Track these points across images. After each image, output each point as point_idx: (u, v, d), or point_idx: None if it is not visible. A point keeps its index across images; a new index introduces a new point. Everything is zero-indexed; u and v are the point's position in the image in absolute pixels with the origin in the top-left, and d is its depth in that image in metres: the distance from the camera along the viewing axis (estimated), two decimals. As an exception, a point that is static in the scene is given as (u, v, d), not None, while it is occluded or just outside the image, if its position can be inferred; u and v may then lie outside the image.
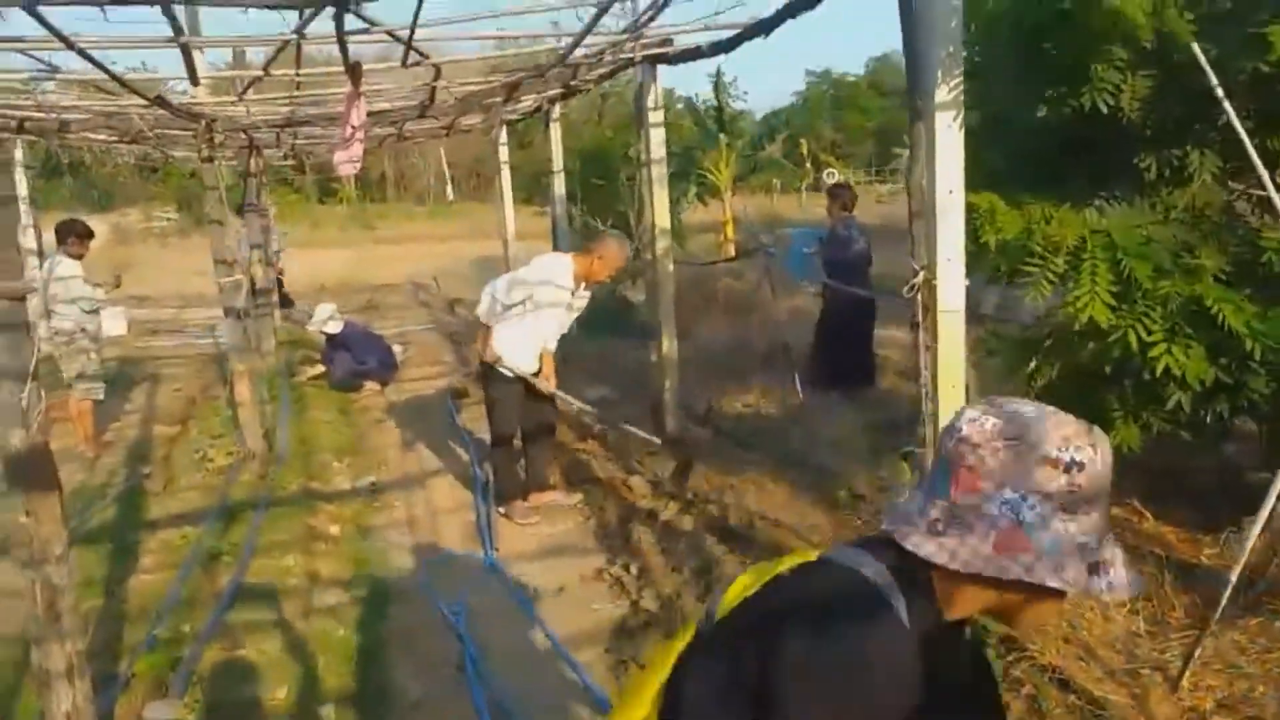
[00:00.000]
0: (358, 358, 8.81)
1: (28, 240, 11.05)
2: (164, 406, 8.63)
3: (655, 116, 6.34)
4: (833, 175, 40.62)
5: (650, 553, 4.80)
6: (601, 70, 6.27)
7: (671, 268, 6.69)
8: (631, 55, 5.87)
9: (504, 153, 12.15)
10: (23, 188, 11.45)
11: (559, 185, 9.64)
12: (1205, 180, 3.45)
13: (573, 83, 6.23)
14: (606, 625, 4.14)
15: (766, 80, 68.20)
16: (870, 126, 53.80)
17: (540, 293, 5.26)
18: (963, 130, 3.32)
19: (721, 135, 15.56)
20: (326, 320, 8.84)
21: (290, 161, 14.34)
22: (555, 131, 9.42)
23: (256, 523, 5.23)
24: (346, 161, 4.67)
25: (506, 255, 12.53)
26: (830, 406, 7.30)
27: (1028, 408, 1.20)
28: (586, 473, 6.16)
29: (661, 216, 6.48)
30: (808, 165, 32.07)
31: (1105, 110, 3.32)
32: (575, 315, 5.63)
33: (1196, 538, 4.71)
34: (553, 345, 5.59)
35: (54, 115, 5.68)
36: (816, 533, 5.03)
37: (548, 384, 5.49)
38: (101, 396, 7.06)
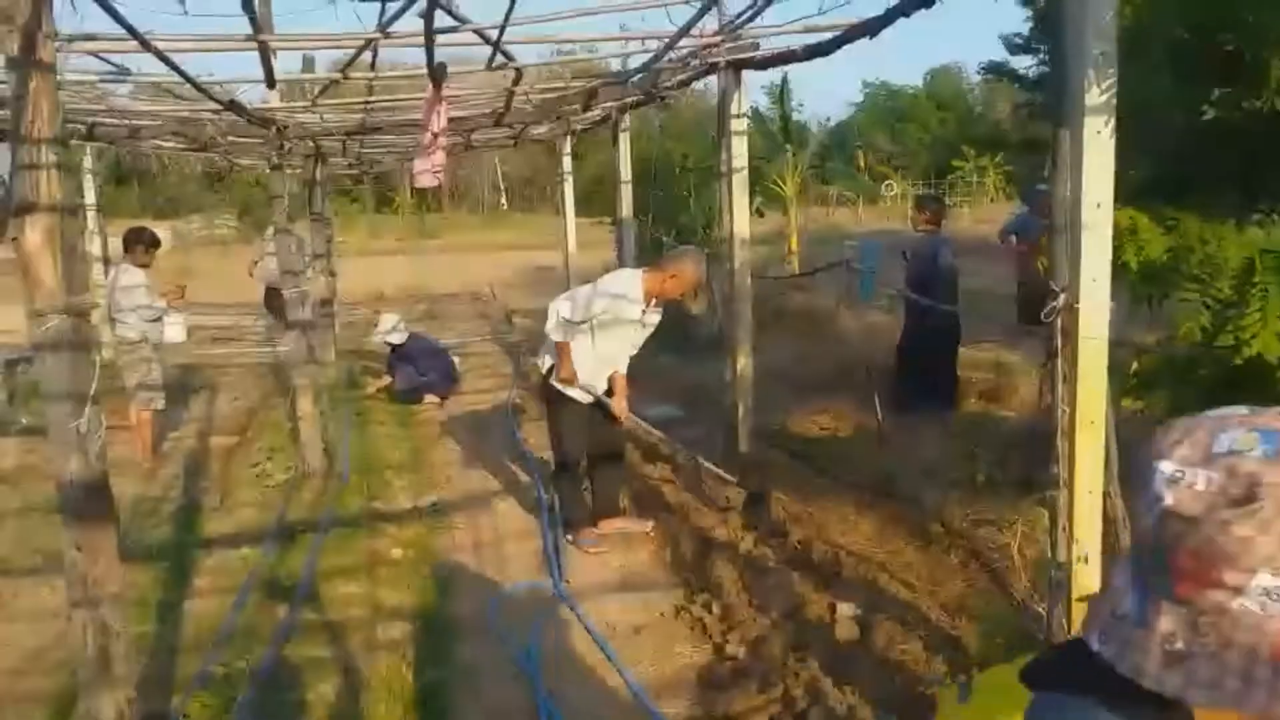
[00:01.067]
0: (420, 370, 8.62)
1: (94, 247, 11.08)
2: (223, 416, 8.50)
3: (739, 125, 6.03)
4: (891, 188, 40.12)
5: (732, 590, 4.45)
6: (684, 76, 5.98)
7: (749, 282, 6.37)
8: (716, 59, 5.58)
9: (567, 163, 11.94)
10: (90, 195, 11.50)
11: (626, 196, 9.38)
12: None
13: (653, 89, 5.94)
14: (691, 673, 3.81)
15: (814, 90, 67.52)
16: (927, 140, 53.15)
17: (611, 309, 4.95)
18: (1114, 138, 2.96)
19: (787, 146, 15.18)
20: (391, 330, 8.67)
21: (352, 170, 14.30)
22: (624, 141, 9.16)
23: (317, 545, 4.99)
24: (428, 171, 4.43)
25: (567, 266, 12.32)
26: (912, 430, 6.90)
27: (1241, 441, 0.81)
28: (656, 499, 5.85)
29: (741, 228, 6.17)
30: (865, 178, 31.62)
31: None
32: (646, 334, 5.30)
33: None
34: (623, 366, 5.28)
35: (125, 121, 5.54)
36: (910, 571, 4.66)
37: (622, 407, 5.18)
38: (162, 405, 6.93)
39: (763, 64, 5.60)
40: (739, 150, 6.08)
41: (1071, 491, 3.14)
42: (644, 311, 5.01)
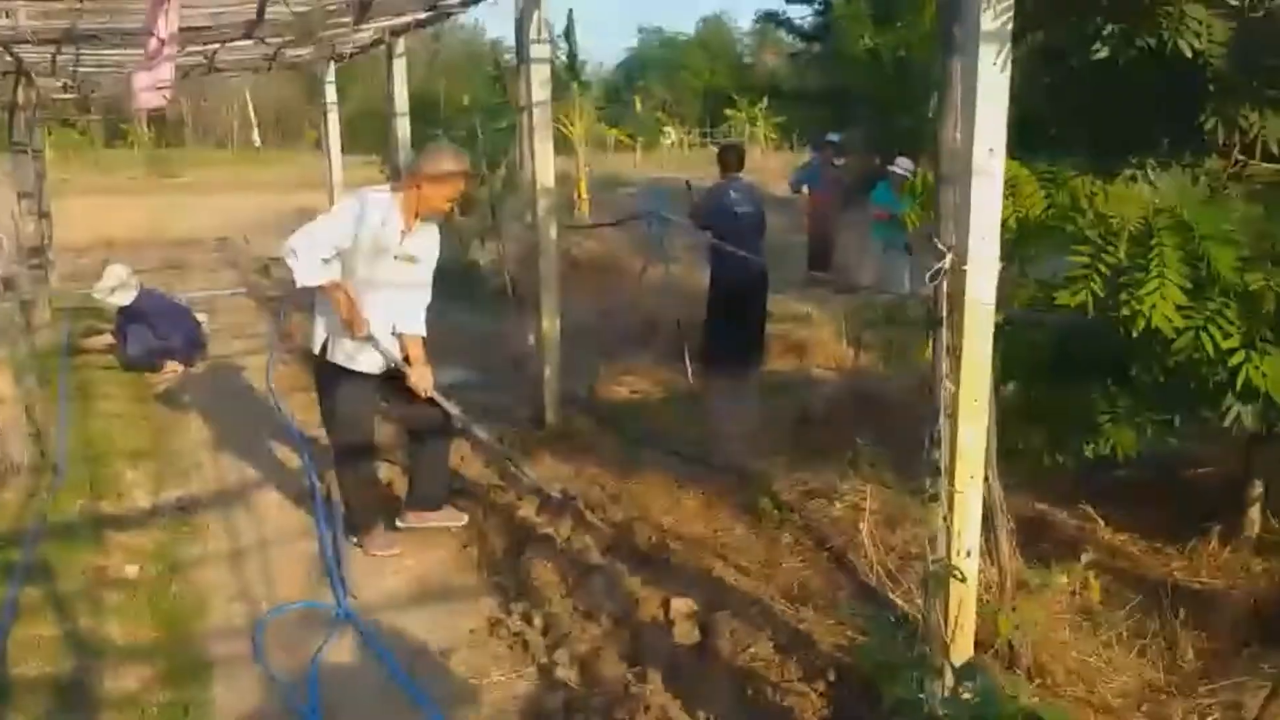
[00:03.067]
0: (158, 333, 7.28)
1: None
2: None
3: (539, 50, 5.33)
4: (669, 136, 40.39)
5: (553, 593, 3.86)
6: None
7: (554, 233, 5.71)
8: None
9: (331, 92, 10.70)
10: None
11: (403, 130, 8.41)
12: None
13: (439, 4, 5.06)
14: (514, 707, 3.18)
15: (590, 33, 67.09)
16: (699, 88, 54.14)
17: (363, 238, 4.02)
18: (1007, 72, 2.53)
19: (574, 85, 14.46)
20: (116, 287, 7.24)
21: (71, 94, 12.17)
22: (399, 68, 8.15)
23: (22, 569, 3.91)
24: (151, 88, 3.44)
25: (333, 208, 11.11)
26: (727, 391, 6.55)
27: None
28: (453, 479, 5.12)
29: (545, 172, 5.49)
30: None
31: (1190, 54, 2.60)
32: (422, 271, 4.25)
33: (1157, 548, 4.26)
34: (414, 324, 4.29)
35: None
36: (744, 554, 4.25)
37: (424, 376, 4.28)
38: None
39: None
40: (540, 78, 5.37)
41: (952, 479, 2.77)
42: (403, 235, 4.08)
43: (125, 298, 7.20)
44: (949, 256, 2.63)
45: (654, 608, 3.73)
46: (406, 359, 4.25)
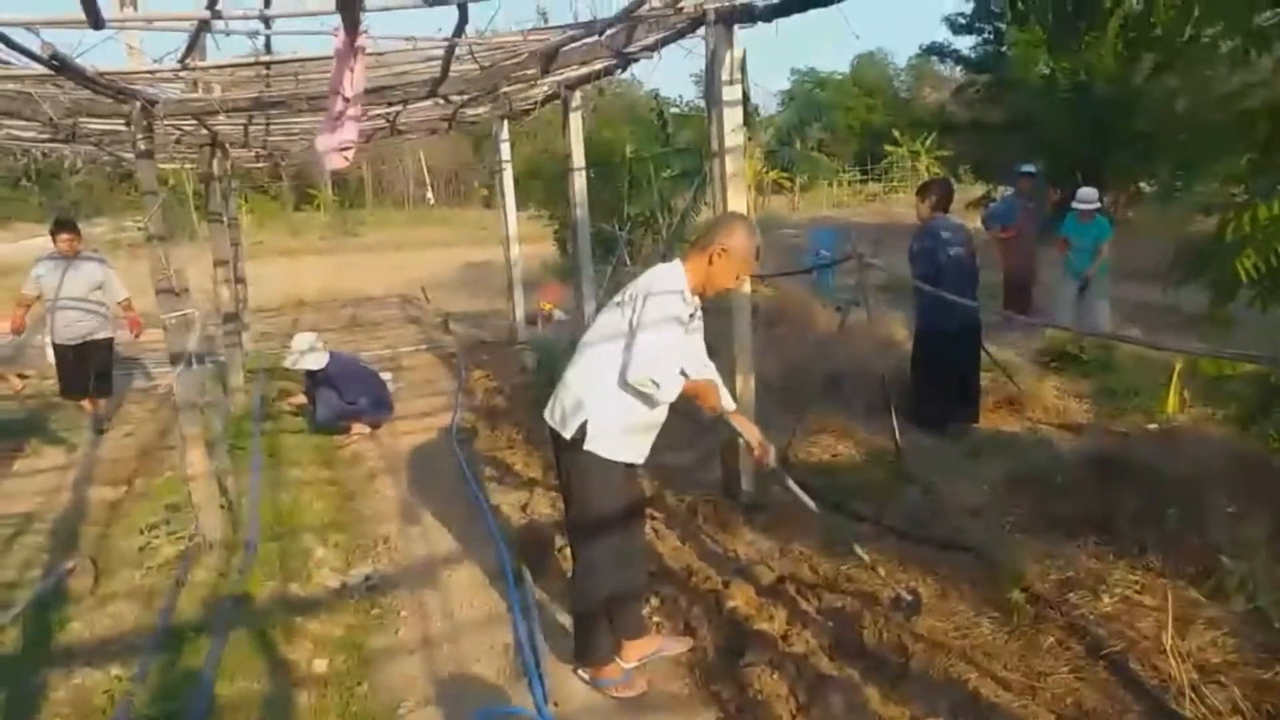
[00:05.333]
0: (346, 396, 7.26)
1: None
2: (110, 458, 7.09)
3: (731, 93, 4.90)
4: (838, 174, 39.84)
5: (782, 709, 3.32)
6: (662, 35, 4.82)
7: (748, 284, 5.26)
8: (705, 9, 4.44)
9: (505, 150, 10.70)
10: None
11: (580, 184, 8.19)
12: None
13: (626, 49, 4.75)
14: None
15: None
16: (856, 126, 53.10)
17: (664, 313, 3.33)
18: None
19: (746, 129, 14.09)
20: (306, 353, 7.27)
21: (262, 163, 12.80)
22: (575, 121, 7.96)
23: (210, 663, 3.72)
24: (335, 149, 3.22)
25: (509, 263, 11.09)
26: (941, 454, 5.88)
27: None
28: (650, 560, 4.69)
29: (739, 221, 5.02)
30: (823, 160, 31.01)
31: None
32: (698, 343, 3.71)
33: None
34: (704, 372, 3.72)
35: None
36: (999, 661, 3.60)
37: (755, 437, 3.76)
38: None
39: (764, 14, 4.47)
40: (732, 122, 4.96)
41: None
42: (691, 316, 3.51)
43: (316, 362, 7.22)
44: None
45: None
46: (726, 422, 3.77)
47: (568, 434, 3.40)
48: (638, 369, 3.23)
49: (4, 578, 4.84)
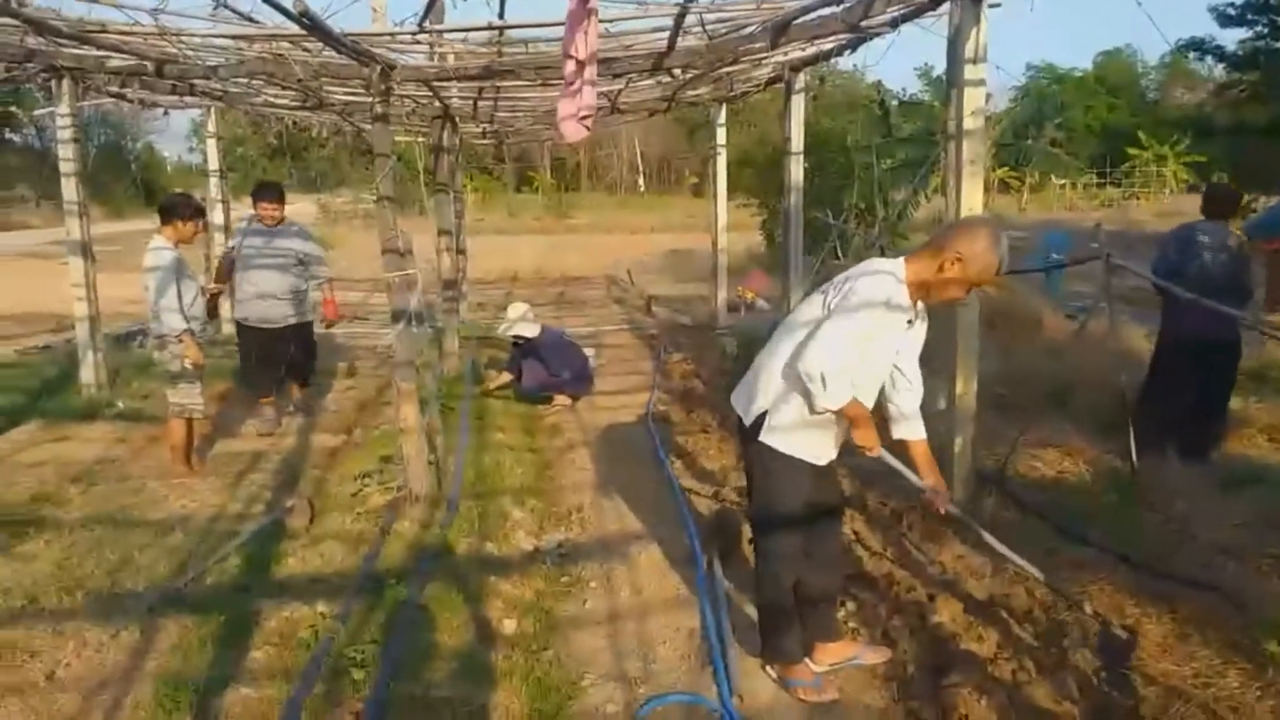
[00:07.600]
0: (551, 368, 7.42)
1: (214, 215, 10.38)
2: (332, 410, 7.55)
3: (974, 72, 4.55)
4: (1081, 174, 37.44)
5: (987, 733, 3.02)
6: (902, 9, 4.52)
7: (977, 283, 4.87)
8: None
9: (721, 134, 10.58)
10: (213, 159, 10.84)
11: (796, 170, 7.95)
12: None
13: (863, 22, 4.48)
14: None
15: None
16: (1095, 126, 49.53)
17: (877, 327, 3.07)
18: None
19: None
20: (519, 320, 7.50)
21: (489, 140, 13.34)
22: (798, 104, 7.73)
23: (409, 612, 3.82)
24: (574, 117, 3.18)
25: (716, 250, 10.98)
26: (1185, 480, 5.25)
27: None
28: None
29: (973, 207, 4.67)
30: (1063, 157, 29.19)
31: None
32: (912, 356, 3.33)
33: None
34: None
35: (193, 55, 4.49)
36: (1246, 718, 3.12)
37: (928, 473, 3.44)
38: (200, 415, 5.83)
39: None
40: (974, 104, 4.60)
41: None
42: (910, 323, 3.19)
43: (529, 330, 7.42)
44: None
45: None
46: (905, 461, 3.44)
47: (748, 421, 3.26)
48: (810, 359, 2.96)
49: (233, 510, 5.20)
